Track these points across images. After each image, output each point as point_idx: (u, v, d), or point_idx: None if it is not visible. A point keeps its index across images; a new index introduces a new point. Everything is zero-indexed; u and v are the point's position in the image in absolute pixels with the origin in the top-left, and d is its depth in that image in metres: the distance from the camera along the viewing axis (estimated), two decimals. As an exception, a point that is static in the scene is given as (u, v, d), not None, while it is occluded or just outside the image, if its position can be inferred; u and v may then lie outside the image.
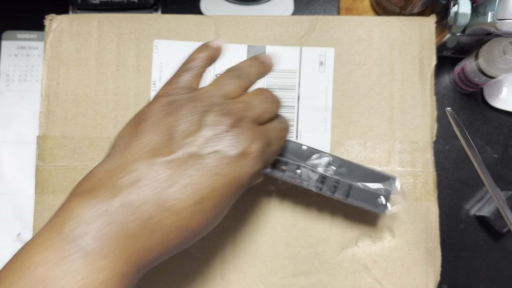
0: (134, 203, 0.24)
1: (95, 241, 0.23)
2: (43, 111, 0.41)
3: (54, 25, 0.42)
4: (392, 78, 0.41)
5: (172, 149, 0.26)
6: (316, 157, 0.36)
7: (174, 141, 0.27)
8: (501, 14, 0.38)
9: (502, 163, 0.51)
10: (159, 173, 0.25)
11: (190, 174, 0.26)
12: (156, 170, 0.25)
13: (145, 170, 0.25)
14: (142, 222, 0.24)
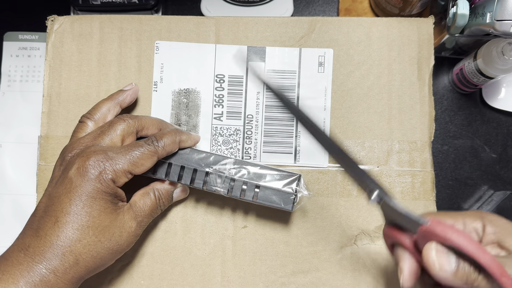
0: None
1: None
2: (44, 111, 0.41)
3: (55, 26, 0.42)
4: (390, 79, 0.41)
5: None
6: (223, 162, 0.38)
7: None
8: (500, 15, 0.38)
9: (501, 163, 0.51)
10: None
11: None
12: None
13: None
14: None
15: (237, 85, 0.42)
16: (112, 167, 0.33)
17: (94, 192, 0.33)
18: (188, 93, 0.42)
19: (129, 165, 0.34)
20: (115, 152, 0.34)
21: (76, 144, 0.35)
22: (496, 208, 0.48)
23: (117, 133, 0.35)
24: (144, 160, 0.35)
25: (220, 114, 0.42)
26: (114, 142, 0.35)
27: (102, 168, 0.33)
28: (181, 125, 0.41)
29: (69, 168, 0.33)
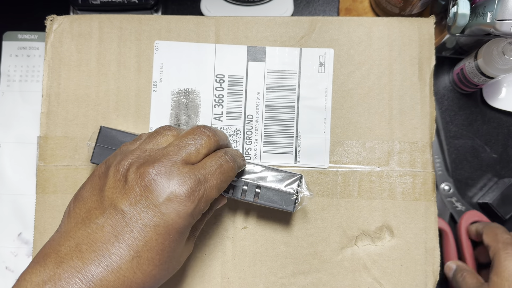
0: (76, 266, 0.26)
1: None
2: (44, 112, 0.41)
3: (55, 25, 0.42)
4: (391, 79, 0.41)
5: (103, 209, 0.27)
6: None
7: (104, 200, 0.28)
8: (500, 15, 0.38)
9: (502, 163, 0.51)
10: (95, 235, 0.27)
11: (123, 231, 0.27)
12: (91, 232, 0.27)
13: (82, 234, 0.27)
14: (87, 282, 0.25)
15: (237, 85, 0.42)
16: (207, 194, 0.29)
17: (185, 228, 0.29)
18: (187, 93, 0.42)
19: (219, 186, 0.30)
20: (203, 173, 0.29)
21: (148, 156, 0.29)
22: (500, 195, 0.48)
23: (199, 151, 0.30)
24: (230, 177, 0.31)
25: (220, 114, 0.41)
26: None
27: (198, 197, 0.28)
28: (180, 125, 0.41)
29: (153, 194, 0.27)
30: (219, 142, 0.32)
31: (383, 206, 0.40)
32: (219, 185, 0.30)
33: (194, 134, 0.30)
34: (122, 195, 0.27)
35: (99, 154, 0.38)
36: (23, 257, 0.49)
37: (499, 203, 0.48)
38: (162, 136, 0.31)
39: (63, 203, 0.40)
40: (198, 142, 0.30)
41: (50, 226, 0.40)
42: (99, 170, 0.30)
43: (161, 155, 0.29)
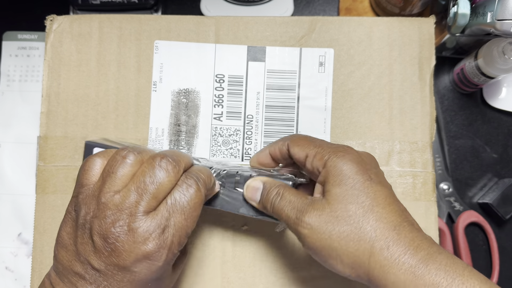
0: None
1: None
2: (43, 112, 0.41)
3: (54, 25, 0.42)
4: (391, 79, 0.41)
5: (81, 262, 0.28)
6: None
7: (80, 255, 0.28)
8: (501, 15, 0.38)
9: (502, 163, 0.51)
10: (78, 284, 0.28)
11: (102, 284, 0.28)
12: (75, 282, 0.28)
13: (69, 281, 0.28)
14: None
15: (237, 85, 0.41)
16: (176, 239, 0.28)
17: (162, 273, 0.29)
18: (187, 93, 0.41)
19: (188, 225, 0.29)
20: (166, 217, 0.28)
21: (102, 207, 0.28)
22: (501, 195, 0.48)
23: (158, 194, 0.29)
24: (199, 206, 0.30)
25: (220, 114, 0.41)
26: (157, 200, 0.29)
27: (167, 247, 0.28)
28: (180, 125, 0.41)
29: (120, 257, 0.27)
30: (180, 170, 0.30)
31: (383, 206, 0.40)
32: (188, 224, 0.29)
33: (152, 172, 0.28)
34: (93, 254, 0.28)
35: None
36: (23, 257, 0.49)
37: (499, 203, 0.48)
38: (121, 169, 0.29)
39: (63, 203, 0.40)
40: (157, 180, 0.28)
41: (50, 226, 0.40)
42: (71, 214, 0.30)
43: (120, 209, 0.28)
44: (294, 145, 0.33)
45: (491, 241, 0.49)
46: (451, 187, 0.50)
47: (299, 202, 0.30)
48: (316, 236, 0.29)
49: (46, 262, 0.39)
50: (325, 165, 0.30)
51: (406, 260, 0.27)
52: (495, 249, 0.49)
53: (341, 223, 0.28)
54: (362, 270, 0.28)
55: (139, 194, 0.28)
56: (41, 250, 0.40)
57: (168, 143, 0.41)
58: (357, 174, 0.29)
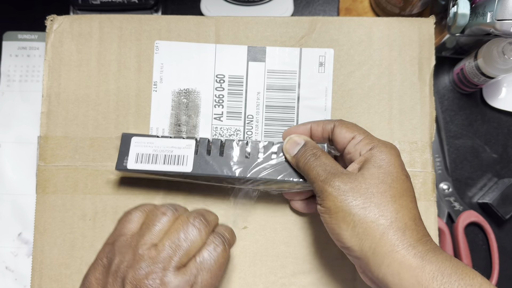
0: None
1: None
2: (44, 112, 0.41)
3: (55, 25, 0.42)
4: (391, 79, 0.41)
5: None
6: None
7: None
8: (500, 15, 0.38)
9: (502, 163, 0.51)
10: None
11: None
12: None
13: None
14: None
15: (237, 85, 0.42)
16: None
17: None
18: (188, 93, 0.42)
19: (213, 281, 0.31)
20: (195, 274, 0.30)
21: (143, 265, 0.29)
22: (500, 195, 0.48)
23: (190, 251, 0.30)
24: (224, 264, 0.32)
25: (220, 115, 0.41)
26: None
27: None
28: (181, 125, 0.41)
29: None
30: (210, 230, 0.32)
31: (383, 206, 0.40)
32: (213, 282, 0.31)
33: (186, 230, 0.31)
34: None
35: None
36: (23, 257, 0.49)
37: (499, 203, 0.48)
38: (159, 224, 0.31)
39: (63, 203, 0.40)
40: (190, 238, 0.30)
41: (50, 226, 0.40)
42: (102, 261, 0.31)
43: (155, 262, 0.29)
44: (342, 126, 0.35)
45: (491, 241, 0.49)
46: (451, 187, 0.50)
47: (332, 167, 0.32)
48: (340, 197, 0.30)
49: (46, 262, 0.40)
50: (371, 149, 0.32)
51: (417, 247, 0.28)
52: (495, 249, 0.49)
53: (368, 196, 0.29)
54: (368, 244, 0.28)
55: (173, 249, 0.29)
56: (41, 250, 0.40)
57: (168, 143, 0.41)
58: (398, 167, 0.32)
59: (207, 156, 0.36)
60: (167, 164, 0.36)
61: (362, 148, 0.33)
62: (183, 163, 0.36)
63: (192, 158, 0.36)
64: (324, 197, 0.31)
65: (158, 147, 0.37)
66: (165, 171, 0.36)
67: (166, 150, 0.37)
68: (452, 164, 0.51)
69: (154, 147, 0.37)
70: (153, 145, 0.37)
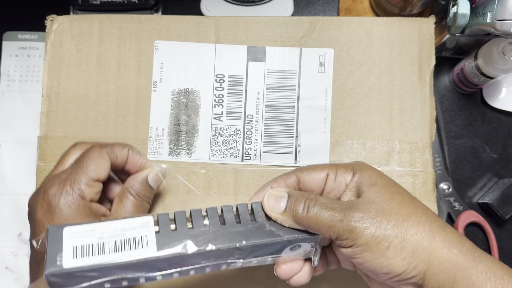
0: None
1: None
2: (44, 112, 0.41)
3: (55, 25, 0.42)
4: (391, 79, 0.41)
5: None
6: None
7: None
8: (500, 15, 0.38)
9: (502, 163, 0.51)
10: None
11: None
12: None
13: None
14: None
15: (237, 85, 0.42)
16: (72, 186, 0.32)
17: (71, 216, 0.31)
18: (187, 93, 0.41)
19: (86, 174, 0.33)
20: (67, 173, 0.33)
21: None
22: (500, 195, 0.48)
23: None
24: (97, 160, 0.33)
25: (220, 114, 0.41)
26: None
27: (63, 191, 0.32)
28: (180, 125, 0.41)
29: (34, 210, 0.32)
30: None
31: (383, 206, 0.40)
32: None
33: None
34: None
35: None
36: (23, 257, 0.49)
37: (499, 203, 0.48)
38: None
39: (63, 203, 0.40)
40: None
41: (50, 226, 0.40)
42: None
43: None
44: (307, 171, 0.32)
45: (491, 241, 0.49)
46: (451, 187, 0.50)
47: (337, 204, 0.28)
48: (373, 226, 0.27)
49: (46, 262, 0.39)
50: (354, 175, 0.31)
51: (465, 244, 0.27)
52: (495, 249, 0.49)
53: (394, 212, 0.27)
54: (422, 257, 0.26)
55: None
56: (41, 250, 0.40)
57: (168, 143, 0.41)
58: (383, 176, 0.30)
59: (172, 232, 0.28)
60: (121, 251, 0.26)
61: (343, 178, 0.31)
62: (142, 245, 0.27)
63: (153, 237, 0.27)
64: (356, 235, 0.27)
65: (103, 233, 0.27)
66: (120, 262, 0.26)
67: (116, 235, 0.27)
68: (452, 164, 0.51)
69: (97, 234, 0.27)
70: (95, 232, 0.27)
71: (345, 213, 0.27)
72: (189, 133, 0.41)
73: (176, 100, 0.41)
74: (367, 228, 0.27)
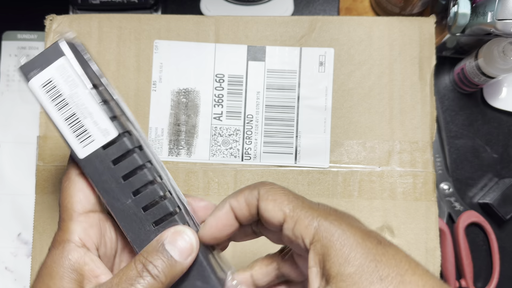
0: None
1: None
2: (43, 111, 0.41)
3: (54, 25, 0.42)
4: (392, 78, 0.41)
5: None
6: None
7: None
8: (501, 14, 0.38)
9: (502, 163, 0.51)
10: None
11: None
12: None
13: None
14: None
15: (237, 84, 0.41)
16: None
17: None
18: (187, 92, 0.41)
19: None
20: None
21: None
22: (501, 195, 0.48)
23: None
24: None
25: (220, 114, 0.41)
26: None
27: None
28: (180, 125, 0.41)
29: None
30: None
31: (383, 206, 0.40)
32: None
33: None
34: None
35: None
36: (23, 257, 0.49)
37: (500, 203, 0.48)
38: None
39: (63, 203, 0.40)
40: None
41: (50, 226, 0.40)
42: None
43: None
44: (267, 198, 0.24)
45: (492, 241, 0.49)
46: (452, 187, 0.50)
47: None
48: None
49: (45, 262, 0.39)
50: (316, 234, 0.22)
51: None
52: (495, 249, 0.48)
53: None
54: None
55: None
56: (40, 250, 0.40)
57: (168, 143, 0.41)
58: (363, 240, 0.22)
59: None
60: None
61: (303, 233, 0.23)
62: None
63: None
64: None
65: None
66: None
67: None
68: (453, 164, 0.51)
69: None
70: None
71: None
72: (188, 133, 0.41)
73: (176, 100, 0.41)
74: None
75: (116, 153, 0.25)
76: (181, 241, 0.25)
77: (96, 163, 0.25)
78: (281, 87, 0.41)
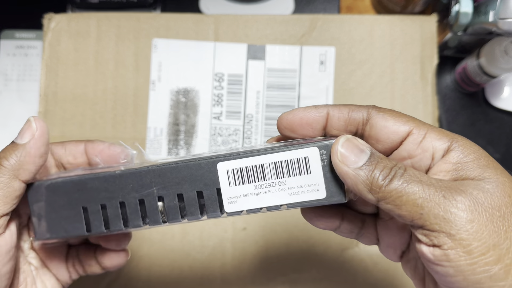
0: None
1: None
2: (41, 111, 0.41)
3: (52, 24, 0.41)
4: (393, 78, 0.41)
5: None
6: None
7: None
8: (503, 13, 0.38)
9: (505, 163, 0.50)
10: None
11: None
12: None
13: None
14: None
15: (237, 84, 0.41)
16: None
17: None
18: (186, 92, 0.41)
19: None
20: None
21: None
22: None
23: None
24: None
25: (219, 114, 0.41)
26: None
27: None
28: (179, 124, 0.41)
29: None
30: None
31: (384, 207, 0.40)
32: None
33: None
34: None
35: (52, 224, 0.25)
36: (21, 258, 0.49)
37: None
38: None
39: (61, 203, 0.40)
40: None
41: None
42: None
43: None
44: (385, 115, 0.23)
45: (493, 242, 0.48)
46: (453, 187, 0.49)
47: (435, 181, 0.20)
48: (483, 219, 0.19)
49: (43, 263, 0.39)
50: (452, 148, 0.23)
51: None
52: (497, 250, 0.48)
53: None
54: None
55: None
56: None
57: (167, 143, 0.41)
58: (500, 168, 0.21)
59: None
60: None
61: (437, 145, 0.23)
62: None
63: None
64: (456, 226, 0.19)
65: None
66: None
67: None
68: (454, 164, 0.51)
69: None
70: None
71: (445, 194, 0.19)
72: (188, 132, 0.41)
73: (175, 99, 0.41)
74: (473, 221, 0.19)
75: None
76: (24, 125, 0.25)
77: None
78: (281, 86, 0.41)
